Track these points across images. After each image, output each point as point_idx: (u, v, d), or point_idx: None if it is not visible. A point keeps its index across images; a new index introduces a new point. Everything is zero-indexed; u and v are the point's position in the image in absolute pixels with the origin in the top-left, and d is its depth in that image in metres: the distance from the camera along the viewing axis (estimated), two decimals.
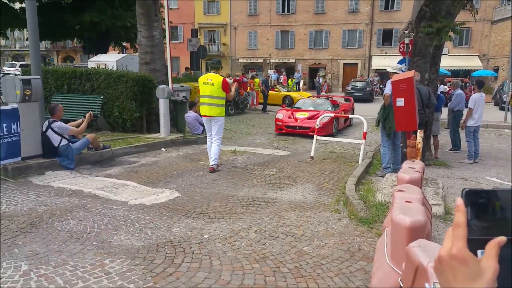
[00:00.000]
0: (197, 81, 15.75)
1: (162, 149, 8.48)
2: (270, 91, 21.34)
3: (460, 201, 0.66)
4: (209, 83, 6.50)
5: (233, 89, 6.92)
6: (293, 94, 21.48)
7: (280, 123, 11.64)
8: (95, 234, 3.91)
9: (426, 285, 0.99)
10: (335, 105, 13.04)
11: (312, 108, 12.36)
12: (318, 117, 10.51)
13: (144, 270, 3.19)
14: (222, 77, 6.55)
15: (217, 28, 40.06)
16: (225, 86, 6.54)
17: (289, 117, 11.72)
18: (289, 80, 30.09)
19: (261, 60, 39.00)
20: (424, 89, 6.82)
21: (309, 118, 11.43)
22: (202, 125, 10.28)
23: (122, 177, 6.13)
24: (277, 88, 22.70)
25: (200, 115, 7.28)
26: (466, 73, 31.61)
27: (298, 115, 11.75)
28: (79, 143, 6.69)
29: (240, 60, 39.73)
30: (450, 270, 0.63)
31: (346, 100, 16.91)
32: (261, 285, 3.02)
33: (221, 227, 4.19)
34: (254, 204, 5.01)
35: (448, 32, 7.24)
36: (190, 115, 10.28)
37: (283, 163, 7.57)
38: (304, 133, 11.06)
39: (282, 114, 11.87)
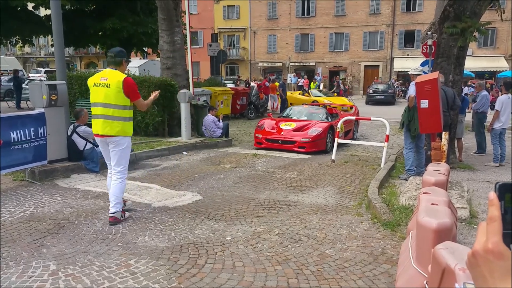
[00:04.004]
0: (217, 85, 16.01)
1: (184, 152, 8.59)
2: (302, 96, 21.04)
3: (493, 195, 0.65)
4: (103, 84, 4.20)
5: (152, 97, 4.65)
6: (320, 99, 19.52)
7: (260, 136, 9.44)
8: (120, 235, 3.99)
9: (456, 285, 0.98)
10: (332, 114, 10.75)
11: (304, 118, 10.21)
12: (308, 128, 9.28)
13: (168, 271, 3.24)
14: (125, 76, 4.25)
15: (236, 33, 40.37)
16: (130, 89, 4.20)
17: (273, 128, 9.56)
18: (312, 83, 29.75)
19: (281, 64, 39.06)
20: (449, 90, 6.70)
21: (296, 129, 9.34)
22: (221, 128, 10.40)
23: (146, 180, 6.24)
24: (306, 93, 21.92)
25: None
26: (491, 74, 30.78)
27: (283, 125, 9.57)
28: None
29: (259, 64, 39.88)
30: (485, 265, 0.63)
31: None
32: (284, 287, 3.02)
33: (243, 229, 4.21)
34: (276, 207, 5.01)
35: (473, 32, 7.09)
36: (208, 117, 10.41)
37: (303, 166, 7.54)
38: (288, 148, 9.07)
39: (264, 124, 9.77)
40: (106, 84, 4.22)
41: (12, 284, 2.99)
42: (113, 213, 4.25)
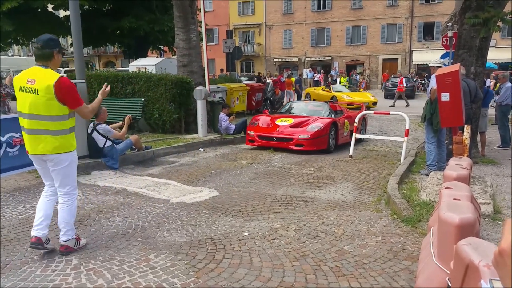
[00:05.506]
0: (233, 81, 16.00)
1: (201, 149, 8.64)
2: (323, 92, 20.81)
3: None
4: (30, 89, 3.19)
5: (100, 97, 3.87)
6: (339, 95, 18.86)
7: (253, 133, 8.73)
8: (139, 230, 4.05)
9: (482, 282, 0.95)
10: (336, 111, 9.76)
11: (303, 114, 9.39)
12: (308, 124, 8.44)
13: (187, 265, 3.27)
14: (58, 76, 3.22)
15: (251, 29, 40.34)
16: (66, 94, 3.22)
17: (268, 125, 8.81)
18: (342, 77, 28.96)
19: (296, 59, 38.84)
20: (472, 83, 6.54)
21: (294, 126, 8.54)
22: (223, 128, 10.39)
23: (163, 176, 6.31)
24: (326, 88, 21.59)
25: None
26: None
27: (279, 121, 8.80)
28: (123, 144, 6.96)
29: (275, 60, 39.76)
30: None
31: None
32: (302, 283, 3.00)
33: (260, 225, 4.21)
34: (293, 203, 4.99)
35: (496, 22, 6.86)
36: (220, 115, 10.51)
37: (320, 162, 7.48)
38: (284, 146, 8.31)
39: (259, 121, 9.05)
40: (33, 89, 3.16)
41: (36, 278, 3.07)
42: (65, 241, 3.47)
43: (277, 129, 8.56)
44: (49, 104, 3.18)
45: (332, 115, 9.21)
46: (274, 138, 8.45)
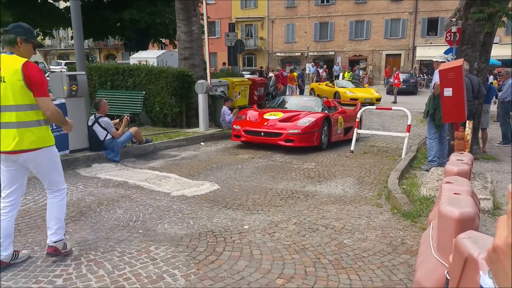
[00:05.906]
0: (235, 76, 15.93)
1: (202, 143, 8.65)
2: (324, 86, 20.69)
3: None
4: None
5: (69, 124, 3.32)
6: (342, 90, 18.69)
7: (238, 127, 8.16)
8: (140, 222, 4.07)
9: (481, 272, 0.95)
10: (330, 107, 9.38)
11: (294, 108, 8.85)
12: (298, 119, 7.92)
13: (187, 257, 3.28)
14: (25, 60, 2.94)
15: (254, 22, 40.09)
16: (33, 77, 2.92)
17: (256, 119, 8.26)
18: (346, 72, 28.81)
19: (299, 54, 38.65)
20: (475, 79, 6.51)
21: (283, 120, 7.99)
22: (227, 121, 10.35)
23: (164, 169, 6.32)
24: (330, 84, 21.48)
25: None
26: None
27: (268, 115, 8.27)
28: (124, 137, 6.97)
29: (277, 54, 39.57)
30: (507, 260, 0.60)
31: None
32: (301, 275, 3.02)
33: (260, 218, 4.22)
34: (293, 197, 5.00)
35: (501, 17, 6.83)
36: (222, 108, 10.49)
37: (322, 157, 7.48)
38: (272, 142, 7.76)
39: (246, 115, 8.54)
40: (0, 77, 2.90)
41: (37, 268, 3.09)
42: (54, 242, 3.16)
43: (265, 123, 7.97)
44: (19, 91, 2.90)
45: (326, 111, 8.81)
46: (262, 133, 7.87)
